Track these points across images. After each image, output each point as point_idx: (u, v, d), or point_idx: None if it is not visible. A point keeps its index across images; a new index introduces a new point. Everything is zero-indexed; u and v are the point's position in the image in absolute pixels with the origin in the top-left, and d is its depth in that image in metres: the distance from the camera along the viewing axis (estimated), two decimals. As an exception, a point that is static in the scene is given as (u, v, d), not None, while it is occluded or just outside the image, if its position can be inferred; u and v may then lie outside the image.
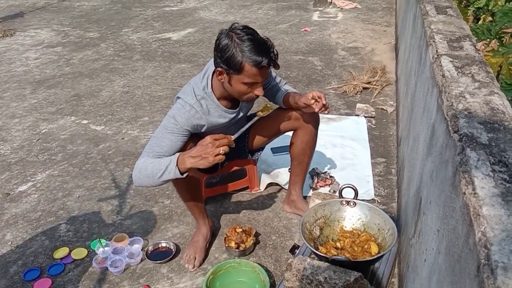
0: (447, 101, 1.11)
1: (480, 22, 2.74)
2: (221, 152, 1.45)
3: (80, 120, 3.16)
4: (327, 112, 1.92)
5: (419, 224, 1.32)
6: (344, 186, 1.80)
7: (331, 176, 2.35)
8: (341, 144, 2.69)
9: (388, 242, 1.57)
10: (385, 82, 3.48)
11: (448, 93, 1.14)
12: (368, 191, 2.24)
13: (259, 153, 2.21)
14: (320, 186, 2.30)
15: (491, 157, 0.85)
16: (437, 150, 1.17)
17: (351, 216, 1.72)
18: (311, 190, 2.27)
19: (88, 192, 2.36)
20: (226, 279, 1.73)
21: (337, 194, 1.95)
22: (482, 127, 0.96)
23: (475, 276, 0.67)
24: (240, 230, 1.92)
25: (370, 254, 1.58)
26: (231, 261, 1.79)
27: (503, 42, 2.08)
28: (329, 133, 2.77)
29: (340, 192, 1.79)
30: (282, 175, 2.39)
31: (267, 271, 1.76)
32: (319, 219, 1.70)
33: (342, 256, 1.51)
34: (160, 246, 1.95)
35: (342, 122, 2.95)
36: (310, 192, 2.23)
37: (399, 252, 1.74)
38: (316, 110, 1.75)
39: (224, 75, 1.61)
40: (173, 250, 1.91)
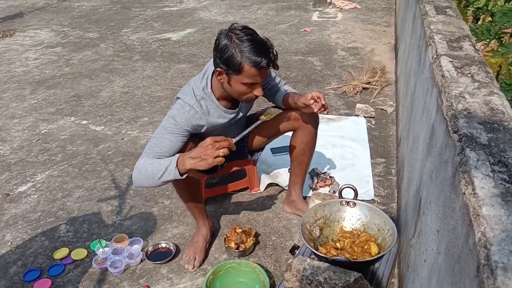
0: (447, 101, 1.11)
1: (479, 22, 2.74)
2: (220, 154, 1.45)
3: (80, 120, 3.16)
4: (326, 112, 1.92)
5: (419, 224, 1.32)
6: (344, 187, 1.80)
7: (331, 177, 2.35)
8: (340, 144, 2.69)
9: (388, 243, 1.57)
10: (384, 82, 3.48)
11: (448, 93, 1.14)
12: (368, 191, 2.24)
13: (259, 153, 2.21)
14: (320, 187, 2.30)
15: (490, 157, 0.85)
16: (436, 150, 1.17)
17: (351, 216, 1.72)
18: (311, 190, 2.27)
19: (88, 193, 2.36)
20: (226, 279, 1.73)
21: (337, 194, 1.95)
22: (481, 127, 0.96)
23: (475, 276, 0.67)
24: (240, 230, 1.92)
25: (370, 255, 1.58)
26: (231, 261, 1.79)
27: (503, 42, 2.08)
28: (328, 133, 2.77)
29: (340, 193, 1.79)
30: (282, 175, 2.39)
31: (267, 271, 1.76)
32: (319, 220, 1.70)
33: (342, 256, 1.51)
34: (160, 246, 1.95)
35: (342, 122, 2.95)
36: (310, 193, 2.23)
37: (399, 253, 1.74)
38: (315, 110, 1.75)
39: (224, 76, 1.61)
40: (173, 251, 1.91)
